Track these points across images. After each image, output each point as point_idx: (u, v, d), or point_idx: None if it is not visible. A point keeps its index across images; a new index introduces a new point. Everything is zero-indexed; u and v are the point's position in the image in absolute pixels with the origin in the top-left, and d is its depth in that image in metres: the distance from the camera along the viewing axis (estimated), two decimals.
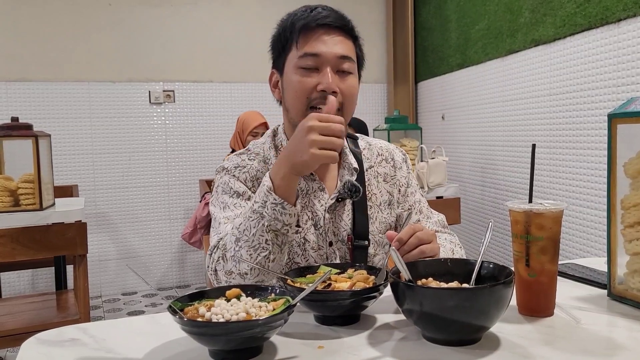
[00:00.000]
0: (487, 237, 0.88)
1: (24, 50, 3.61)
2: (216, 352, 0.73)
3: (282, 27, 1.14)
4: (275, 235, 0.97)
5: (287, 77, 1.12)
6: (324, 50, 1.08)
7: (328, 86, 1.07)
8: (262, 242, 0.97)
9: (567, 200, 2.65)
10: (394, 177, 1.26)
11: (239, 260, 0.99)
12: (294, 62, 1.10)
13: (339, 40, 1.10)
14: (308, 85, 1.08)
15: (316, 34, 1.08)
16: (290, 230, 0.99)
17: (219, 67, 4.06)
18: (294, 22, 1.10)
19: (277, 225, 0.97)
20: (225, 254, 1.02)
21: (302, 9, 1.12)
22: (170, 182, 4.01)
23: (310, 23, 1.08)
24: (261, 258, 0.98)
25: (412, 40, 4.27)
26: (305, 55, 1.08)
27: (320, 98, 1.08)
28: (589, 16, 2.45)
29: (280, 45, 1.14)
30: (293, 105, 1.11)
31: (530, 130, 2.93)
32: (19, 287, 3.67)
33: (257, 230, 0.97)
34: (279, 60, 1.15)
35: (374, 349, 0.76)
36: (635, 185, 0.88)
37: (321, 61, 1.08)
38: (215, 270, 1.04)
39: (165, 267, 4.04)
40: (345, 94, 1.10)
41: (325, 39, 1.09)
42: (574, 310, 0.89)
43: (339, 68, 1.10)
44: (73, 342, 0.81)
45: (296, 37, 1.09)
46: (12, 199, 2.27)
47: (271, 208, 0.96)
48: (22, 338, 0.85)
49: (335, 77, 1.09)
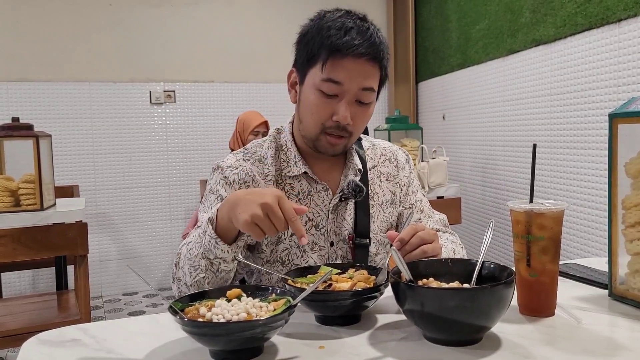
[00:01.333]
0: (488, 237, 0.88)
1: (24, 50, 3.61)
2: (217, 352, 0.73)
3: (312, 35, 1.08)
4: (210, 263, 0.97)
5: (306, 90, 1.10)
6: (348, 80, 1.05)
7: (343, 119, 1.06)
8: (200, 264, 0.98)
9: (568, 200, 2.65)
10: (396, 177, 1.26)
11: (184, 273, 1.01)
12: (315, 81, 1.07)
13: (365, 71, 1.06)
14: (324, 113, 1.07)
15: (345, 63, 1.04)
16: (222, 264, 0.97)
17: (220, 67, 4.06)
18: (324, 39, 1.05)
19: (210, 255, 0.96)
20: (178, 263, 1.04)
21: (338, 25, 1.05)
22: (171, 183, 4.01)
23: (342, 50, 1.03)
24: (199, 278, 0.99)
25: (412, 40, 4.27)
26: (329, 80, 1.05)
27: (334, 127, 1.08)
28: (589, 16, 2.45)
29: (306, 53, 1.09)
30: (307, 124, 1.11)
31: (531, 130, 2.93)
32: (20, 288, 3.67)
33: (198, 253, 0.98)
34: (302, 67, 1.11)
35: (375, 349, 0.76)
36: (636, 185, 0.88)
37: (342, 91, 1.06)
38: (173, 276, 1.06)
39: (166, 267, 4.03)
40: (358, 123, 1.10)
41: (351, 67, 1.05)
42: (575, 311, 0.89)
43: (359, 99, 1.08)
44: (74, 342, 0.81)
45: (324, 59, 1.05)
46: (13, 199, 2.27)
47: (207, 239, 0.96)
48: (23, 338, 0.85)
49: (353, 106, 1.07)
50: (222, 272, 0.99)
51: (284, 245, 1.13)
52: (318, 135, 1.10)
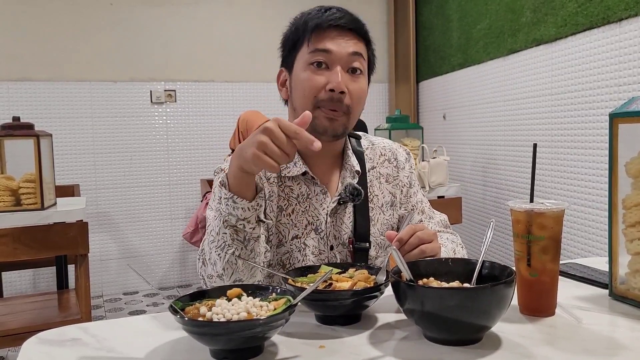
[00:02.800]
0: (488, 237, 0.88)
1: (25, 50, 3.61)
2: (217, 351, 0.73)
3: (294, 26, 1.13)
4: (234, 231, 0.94)
5: (296, 75, 1.11)
6: (336, 48, 1.07)
7: (337, 85, 1.05)
8: (226, 239, 0.95)
9: (568, 200, 2.65)
10: (396, 178, 1.25)
11: (214, 262, 0.97)
12: (304, 59, 1.09)
13: (351, 41, 1.09)
14: (317, 84, 1.07)
15: (329, 34, 1.08)
16: (247, 225, 0.94)
17: (221, 67, 4.06)
18: (307, 21, 1.09)
19: (232, 220, 0.94)
20: (205, 259, 1.01)
21: (317, 9, 1.11)
22: (171, 182, 4.01)
23: (324, 23, 1.07)
24: (229, 256, 0.95)
25: (413, 39, 4.27)
26: (316, 50, 1.07)
27: (328, 99, 1.07)
28: (590, 16, 2.45)
29: (291, 42, 1.13)
30: (300, 104, 1.10)
31: (532, 129, 2.93)
32: (21, 287, 3.68)
33: (219, 229, 0.95)
34: (288, 59, 1.14)
35: (375, 348, 0.76)
36: (636, 184, 0.88)
37: (332, 59, 1.07)
38: (202, 277, 1.04)
39: (167, 266, 4.04)
40: (353, 95, 1.09)
41: (337, 39, 1.08)
42: (575, 310, 0.89)
43: (350, 65, 1.09)
44: (74, 341, 0.81)
45: (308, 35, 1.08)
46: (14, 199, 2.27)
47: (224, 203, 0.94)
48: (24, 338, 0.85)
49: (345, 76, 1.08)
50: (250, 239, 0.96)
51: (285, 249, 1.13)
52: (313, 112, 1.06)
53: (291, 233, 1.13)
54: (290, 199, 1.14)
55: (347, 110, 1.09)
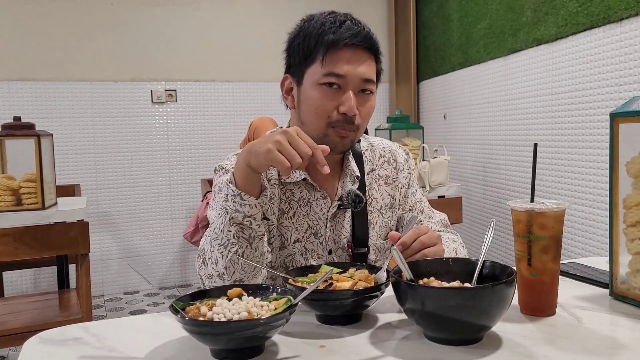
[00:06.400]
0: (489, 237, 0.88)
1: (26, 49, 3.61)
2: (218, 351, 0.73)
3: (305, 34, 1.09)
4: (240, 229, 0.95)
5: (306, 90, 1.10)
6: (350, 72, 1.06)
7: (350, 110, 1.06)
8: (230, 237, 0.95)
9: (569, 200, 2.65)
10: (395, 180, 1.25)
11: (215, 260, 0.97)
12: (316, 77, 1.07)
13: (364, 62, 1.08)
14: (330, 106, 1.07)
15: (344, 55, 1.06)
16: (253, 222, 0.95)
17: (221, 67, 4.06)
18: (321, 34, 1.07)
19: (239, 217, 0.94)
20: (205, 258, 1.01)
21: (330, 19, 1.08)
22: (172, 182, 4.01)
23: (340, 41, 1.05)
24: (232, 254, 0.95)
25: (414, 39, 4.27)
26: (331, 74, 1.06)
27: (341, 121, 1.07)
28: (591, 15, 2.45)
29: (301, 53, 1.09)
30: (312, 122, 1.09)
31: (532, 129, 2.92)
32: (22, 286, 3.68)
33: (224, 227, 0.95)
34: (297, 69, 1.11)
35: (376, 348, 0.76)
36: (637, 184, 0.88)
37: (345, 82, 1.07)
38: (200, 277, 1.04)
39: (167, 266, 4.04)
40: (364, 114, 1.10)
41: (352, 61, 1.07)
42: (575, 310, 0.89)
43: (361, 87, 1.09)
44: (75, 341, 0.81)
45: (323, 52, 1.06)
46: (15, 199, 2.27)
47: (231, 200, 0.94)
48: (25, 337, 0.85)
49: (356, 98, 1.08)
50: (255, 237, 0.96)
51: (288, 252, 1.14)
52: (325, 131, 1.08)
53: (293, 236, 1.14)
54: (292, 203, 1.14)
55: (357, 128, 1.10)
